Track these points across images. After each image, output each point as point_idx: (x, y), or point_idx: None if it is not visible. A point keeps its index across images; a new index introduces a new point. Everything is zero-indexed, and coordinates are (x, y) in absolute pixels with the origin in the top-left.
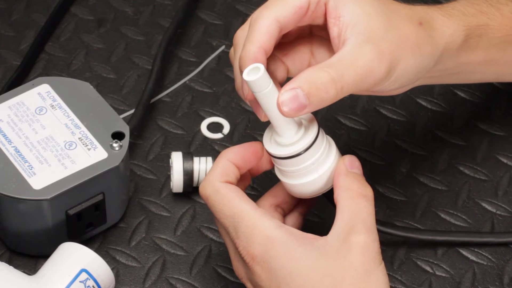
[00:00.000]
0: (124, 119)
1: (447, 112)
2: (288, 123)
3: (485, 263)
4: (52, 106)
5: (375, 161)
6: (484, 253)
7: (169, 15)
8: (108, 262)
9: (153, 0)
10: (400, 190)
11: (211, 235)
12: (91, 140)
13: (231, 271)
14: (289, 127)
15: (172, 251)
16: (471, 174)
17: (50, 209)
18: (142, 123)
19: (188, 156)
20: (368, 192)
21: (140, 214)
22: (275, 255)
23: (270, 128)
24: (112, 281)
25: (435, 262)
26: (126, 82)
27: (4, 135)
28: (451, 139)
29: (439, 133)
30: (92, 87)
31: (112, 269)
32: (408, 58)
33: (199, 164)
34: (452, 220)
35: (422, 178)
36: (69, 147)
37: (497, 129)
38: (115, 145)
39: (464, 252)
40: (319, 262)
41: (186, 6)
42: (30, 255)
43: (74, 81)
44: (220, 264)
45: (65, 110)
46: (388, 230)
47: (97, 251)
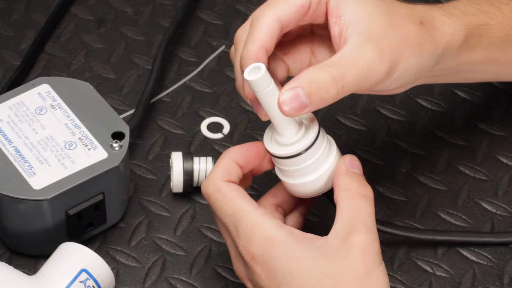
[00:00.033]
0: (124, 119)
1: (447, 112)
2: (289, 122)
3: (485, 263)
4: (52, 106)
5: (375, 161)
6: (484, 253)
7: (169, 15)
8: (108, 262)
9: (153, 0)
10: (400, 190)
11: (211, 235)
12: (91, 140)
13: (231, 271)
14: (289, 127)
15: (172, 251)
16: (471, 174)
17: (50, 209)
18: (142, 123)
19: (188, 156)
20: (368, 192)
21: (140, 214)
22: (275, 255)
23: (271, 128)
24: (112, 281)
25: (435, 262)
26: (126, 82)
27: (4, 135)
28: (451, 139)
29: (439, 133)
30: (92, 87)
31: (112, 269)
32: (409, 57)
33: (199, 164)
34: (452, 220)
35: (422, 178)
36: (69, 147)
37: (497, 129)
38: (115, 145)
39: (464, 252)
40: (319, 262)
41: (186, 6)
42: (30, 255)
43: (74, 81)
44: (220, 264)
45: (65, 110)
46: (388, 230)
47: (97, 251)
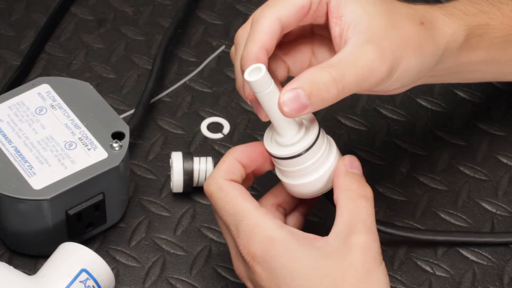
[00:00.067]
0: (124, 119)
1: (447, 112)
2: (289, 123)
3: (485, 263)
4: (52, 106)
5: (375, 161)
6: (484, 253)
7: (169, 15)
8: (108, 262)
9: (153, 0)
10: (400, 190)
11: (211, 235)
12: (91, 140)
13: (231, 271)
14: (290, 127)
15: (172, 251)
16: (471, 174)
17: (50, 209)
18: (142, 123)
19: (188, 156)
20: (368, 192)
21: (140, 214)
22: (275, 254)
23: (271, 128)
24: (112, 281)
25: (435, 262)
26: (126, 82)
27: (4, 135)
28: (451, 139)
29: (439, 133)
30: (92, 87)
31: (112, 269)
32: (410, 57)
33: (199, 164)
34: (452, 220)
35: (422, 178)
36: (69, 147)
37: (497, 129)
38: (115, 145)
39: (464, 252)
40: (319, 262)
41: (186, 6)
42: (30, 255)
43: (74, 81)
44: (220, 264)
45: (65, 110)
46: (388, 230)
47: (97, 251)
